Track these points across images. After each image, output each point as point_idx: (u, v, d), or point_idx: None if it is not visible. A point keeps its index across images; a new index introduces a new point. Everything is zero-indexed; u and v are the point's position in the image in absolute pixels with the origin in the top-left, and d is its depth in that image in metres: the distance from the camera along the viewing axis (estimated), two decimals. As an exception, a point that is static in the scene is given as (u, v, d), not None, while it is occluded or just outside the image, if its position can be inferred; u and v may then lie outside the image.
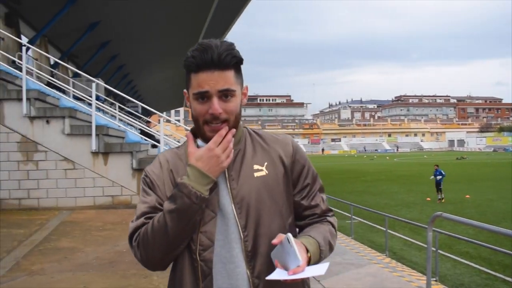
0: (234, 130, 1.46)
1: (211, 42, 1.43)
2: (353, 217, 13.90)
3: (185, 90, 1.52)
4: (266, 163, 1.53)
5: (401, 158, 73.26)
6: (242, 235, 1.45)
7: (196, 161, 1.41)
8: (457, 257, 10.91)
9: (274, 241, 1.38)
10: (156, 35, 26.42)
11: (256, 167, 1.52)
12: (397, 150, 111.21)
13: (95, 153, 9.31)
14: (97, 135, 9.26)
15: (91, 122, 9.29)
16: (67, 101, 10.05)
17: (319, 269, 1.36)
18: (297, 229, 1.62)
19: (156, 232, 1.41)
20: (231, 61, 1.43)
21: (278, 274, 1.34)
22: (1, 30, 16.19)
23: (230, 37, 29.66)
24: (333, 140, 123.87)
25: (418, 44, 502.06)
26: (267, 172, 1.52)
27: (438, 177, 21.07)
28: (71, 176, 9.28)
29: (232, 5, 22.10)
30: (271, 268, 1.39)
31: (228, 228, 1.46)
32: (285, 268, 1.33)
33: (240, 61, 1.47)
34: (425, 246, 12.09)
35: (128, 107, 27.87)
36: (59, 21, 17.92)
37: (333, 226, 1.62)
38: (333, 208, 1.69)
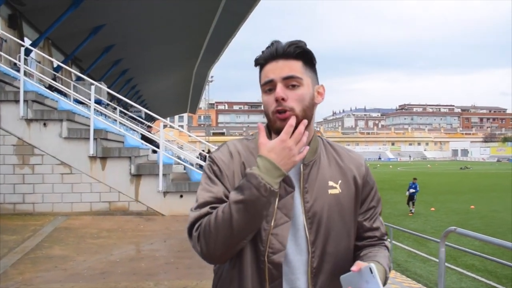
0: (305, 121, 1.39)
1: (278, 40, 1.48)
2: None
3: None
4: (340, 181, 1.52)
5: (404, 167, 72.84)
6: (310, 250, 1.43)
7: (268, 152, 1.34)
8: (463, 269, 10.60)
9: (354, 268, 1.32)
10: (160, 41, 26.29)
11: (330, 183, 1.50)
12: (410, 158, 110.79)
13: (92, 158, 9.07)
14: (95, 139, 9.03)
15: (89, 126, 9.06)
16: (66, 104, 9.83)
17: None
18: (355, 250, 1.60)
19: (219, 223, 1.34)
20: (295, 50, 1.44)
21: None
22: (3, 32, 16.07)
23: (233, 44, 29.57)
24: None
25: (423, 53, 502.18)
26: (340, 190, 1.50)
27: (412, 191, 20.61)
28: (67, 180, 9.03)
29: (238, 9, 21.90)
30: (331, 287, 1.43)
31: (299, 243, 1.44)
32: None
33: (307, 53, 1.47)
34: (430, 258, 11.89)
35: (131, 112, 27.77)
36: (63, 24, 17.78)
37: (388, 250, 1.60)
38: None
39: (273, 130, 1.47)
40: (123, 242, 6.92)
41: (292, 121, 1.34)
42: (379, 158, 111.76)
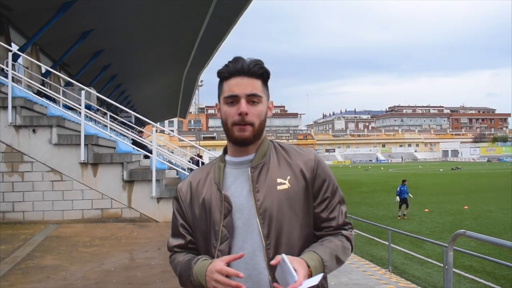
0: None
1: (242, 57, 1.64)
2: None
3: (216, 102, 1.69)
4: (289, 177, 1.64)
5: (395, 168, 73.01)
6: (264, 244, 1.57)
7: (209, 272, 1.53)
8: (461, 271, 10.49)
9: (273, 262, 1.46)
10: (149, 45, 26.06)
11: (279, 180, 1.63)
12: (402, 160, 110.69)
13: (84, 164, 8.86)
14: (86, 145, 8.82)
15: (80, 132, 8.86)
16: (55, 110, 9.62)
17: (312, 281, 1.43)
18: (315, 239, 1.70)
19: (176, 271, 1.75)
20: (259, 70, 1.61)
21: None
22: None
23: (223, 49, 29.36)
24: (327, 150, 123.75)
25: (410, 55, 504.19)
26: (289, 185, 1.63)
27: (402, 196, 20.15)
28: (58, 188, 8.82)
29: (227, 14, 21.77)
30: None
31: (253, 237, 1.59)
32: (286, 285, 1.40)
33: (267, 73, 1.65)
34: (427, 259, 11.79)
35: (121, 117, 27.48)
36: (51, 29, 17.51)
37: (348, 239, 1.69)
38: None
39: (230, 139, 1.65)
40: (117, 250, 6.73)
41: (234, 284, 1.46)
42: (377, 160, 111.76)
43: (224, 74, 1.62)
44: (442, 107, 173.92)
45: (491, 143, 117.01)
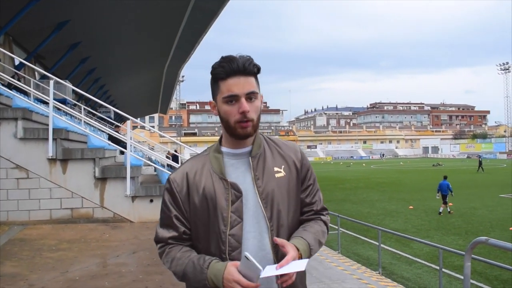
0: None
1: (234, 55, 1.71)
2: (333, 226, 12.97)
3: (211, 100, 1.79)
4: (283, 166, 1.81)
5: (377, 165, 73.10)
6: (268, 225, 1.72)
7: (226, 277, 1.58)
8: (451, 271, 10.06)
9: (276, 239, 1.69)
10: (129, 39, 25.31)
11: (276, 169, 1.79)
12: (383, 156, 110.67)
13: (52, 160, 8.20)
14: (54, 139, 8.15)
15: (47, 125, 8.19)
16: (21, 101, 8.93)
17: (300, 265, 1.59)
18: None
19: (174, 268, 1.75)
20: (253, 68, 1.72)
21: (269, 271, 1.55)
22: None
23: (202, 45, 28.70)
24: (309, 147, 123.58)
25: (388, 53, 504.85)
26: (284, 173, 1.80)
27: (444, 193, 19.54)
28: (24, 186, 8.14)
29: (209, 6, 21.15)
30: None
31: (258, 220, 1.73)
32: (252, 279, 1.55)
33: (259, 70, 1.77)
34: (415, 259, 11.38)
35: (100, 112, 26.67)
36: (24, 19, 16.70)
37: (325, 223, 1.89)
38: None
39: (233, 135, 1.74)
40: (85, 255, 6.12)
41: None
42: (381, 157, 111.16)
43: (221, 75, 1.68)
44: (423, 104, 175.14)
45: (470, 140, 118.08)
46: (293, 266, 1.57)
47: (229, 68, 1.67)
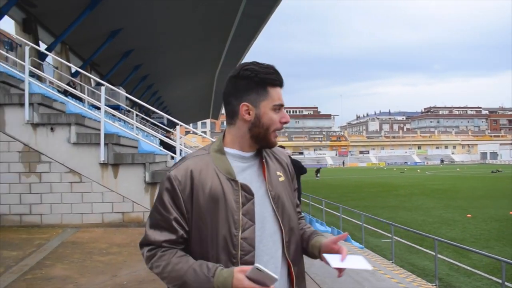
0: None
1: (272, 65, 1.74)
2: (387, 234, 12.60)
3: (245, 103, 1.67)
4: (281, 170, 1.83)
5: (432, 171, 70.98)
6: (283, 228, 1.70)
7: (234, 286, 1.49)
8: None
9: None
10: (180, 46, 25.68)
11: (278, 173, 1.79)
12: (442, 162, 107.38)
13: (104, 165, 8.33)
14: (106, 144, 8.27)
15: (99, 130, 8.32)
16: (75, 107, 9.12)
17: (361, 263, 1.66)
18: None
19: (168, 275, 1.60)
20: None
21: (334, 261, 1.65)
22: (18, 36, 15.59)
23: (252, 51, 28.75)
24: (361, 152, 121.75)
25: (442, 55, 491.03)
26: (284, 177, 1.81)
27: None
28: (77, 190, 8.30)
29: (257, 12, 21.13)
30: (299, 256, 1.78)
31: (269, 222, 1.68)
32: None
33: None
34: (474, 271, 10.81)
35: (153, 118, 27.17)
36: (79, 28, 17.25)
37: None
38: (367, 226, 2.32)
39: (264, 142, 1.72)
40: (134, 260, 6.12)
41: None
42: (441, 163, 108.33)
43: (276, 82, 1.69)
44: (480, 107, 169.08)
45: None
46: (354, 258, 1.66)
47: (280, 78, 1.71)
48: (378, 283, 5.92)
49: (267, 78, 1.67)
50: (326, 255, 1.69)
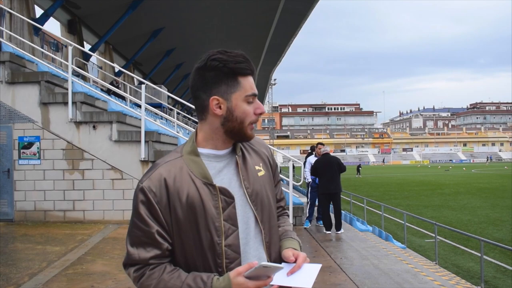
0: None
1: (241, 52, 1.59)
2: (430, 234, 12.26)
3: (215, 96, 1.52)
4: (261, 164, 1.69)
5: (479, 169, 68.89)
6: (261, 228, 1.59)
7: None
8: None
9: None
10: (221, 44, 25.84)
11: (257, 167, 1.66)
12: (490, 160, 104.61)
13: (144, 162, 8.45)
14: (146, 141, 8.39)
15: (140, 128, 8.44)
16: (116, 105, 9.29)
17: (313, 269, 1.52)
18: None
19: None
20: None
21: (278, 276, 1.47)
22: (63, 37, 16.03)
23: (292, 48, 28.65)
24: (404, 149, 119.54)
25: (487, 49, 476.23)
26: (264, 171, 1.68)
27: None
28: (118, 186, 8.46)
29: (298, 8, 21.01)
30: (280, 255, 1.64)
31: (250, 224, 1.58)
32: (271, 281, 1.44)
33: None
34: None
35: (194, 116, 27.46)
36: (122, 28, 17.61)
37: (288, 217, 1.90)
38: (410, 225, 1.87)
39: (240, 137, 1.59)
40: (172, 256, 6.18)
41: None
42: (488, 160, 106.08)
43: (246, 71, 1.55)
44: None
45: None
46: (306, 270, 1.51)
47: (251, 66, 1.56)
48: (420, 285, 5.75)
49: (237, 67, 1.53)
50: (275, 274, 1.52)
